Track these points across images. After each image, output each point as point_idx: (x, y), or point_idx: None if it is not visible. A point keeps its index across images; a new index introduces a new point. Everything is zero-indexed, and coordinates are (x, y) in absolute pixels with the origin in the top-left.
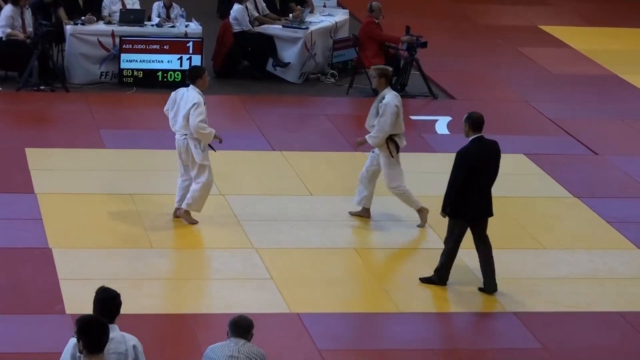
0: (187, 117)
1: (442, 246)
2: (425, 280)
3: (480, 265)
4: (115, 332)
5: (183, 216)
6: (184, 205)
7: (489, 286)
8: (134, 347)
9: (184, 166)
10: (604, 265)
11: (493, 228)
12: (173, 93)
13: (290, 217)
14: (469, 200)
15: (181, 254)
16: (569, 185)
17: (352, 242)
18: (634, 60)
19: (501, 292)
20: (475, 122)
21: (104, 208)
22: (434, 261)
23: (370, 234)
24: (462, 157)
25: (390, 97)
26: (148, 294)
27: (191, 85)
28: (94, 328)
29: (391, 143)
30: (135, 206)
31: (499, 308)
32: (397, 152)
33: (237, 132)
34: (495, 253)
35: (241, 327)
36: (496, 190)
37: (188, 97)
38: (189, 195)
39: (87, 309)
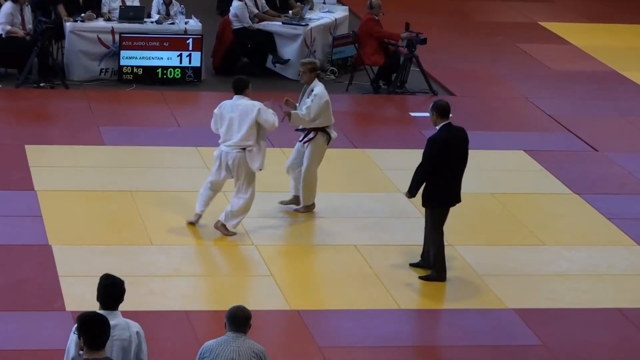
0: (255, 125)
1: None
2: (424, 278)
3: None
4: (118, 318)
5: (221, 229)
6: (222, 218)
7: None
8: (137, 333)
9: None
10: (604, 261)
11: (493, 224)
12: (217, 109)
13: (290, 214)
14: (444, 187)
15: (181, 250)
16: (569, 182)
17: (352, 238)
18: (634, 57)
19: (501, 288)
20: (442, 109)
21: (104, 205)
22: None
23: (371, 231)
24: (434, 143)
25: (320, 89)
26: (148, 290)
27: (238, 95)
28: (95, 325)
29: (323, 134)
30: (134, 203)
31: (499, 304)
32: (328, 143)
33: None
34: (495, 249)
35: (239, 319)
36: (497, 187)
37: (247, 106)
38: (229, 209)
39: (87, 305)
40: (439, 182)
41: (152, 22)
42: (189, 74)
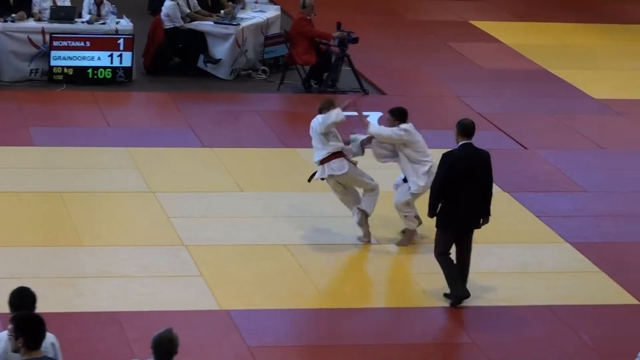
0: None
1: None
2: (447, 295)
3: (452, 274)
4: None
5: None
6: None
7: (460, 293)
8: (52, 344)
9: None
10: (534, 259)
11: (427, 222)
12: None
13: (220, 214)
14: (453, 210)
15: (111, 251)
16: (498, 180)
17: (282, 238)
18: (562, 55)
19: (431, 286)
20: (463, 128)
21: (34, 206)
22: (366, 256)
23: (301, 230)
24: (445, 158)
25: None
26: (78, 292)
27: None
28: (33, 324)
29: None
30: (65, 204)
31: (429, 303)
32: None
33: (168, 129)
34: (426, 247)
35: (163, 350)
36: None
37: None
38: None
39: None
40: (450, 204)
41: (83, 22)
42: (120, 74)
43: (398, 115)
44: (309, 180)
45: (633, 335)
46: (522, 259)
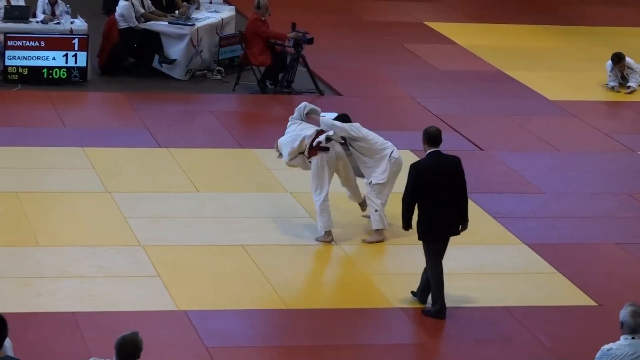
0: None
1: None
2: (425, 313)
3: (421, 284)
4: None
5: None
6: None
7: (420, 297)
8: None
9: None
10: (490, 260)
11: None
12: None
13: (176, 214)
14: (430, 219)
15: (67, 251)
16: None
17: (238, 239)
18: (517, 56)
19: (387, 287)
20: (429, 136)
21: None
22: (322, 257)
23: (257, 231)
24: (413, 170)
25: None
26: (35, 292)
27: None
28: None
29: None
30: (20, 204)
31: (386, 303)
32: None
33: (123, 129)
34: (382, 248)
35: (127, 352)
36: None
37: None
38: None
39: None
40: (424, 214)
41: (37, 22)
42: (75, 74)
43: (344, 120)
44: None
45: (590, 335)
46: (478, 260)
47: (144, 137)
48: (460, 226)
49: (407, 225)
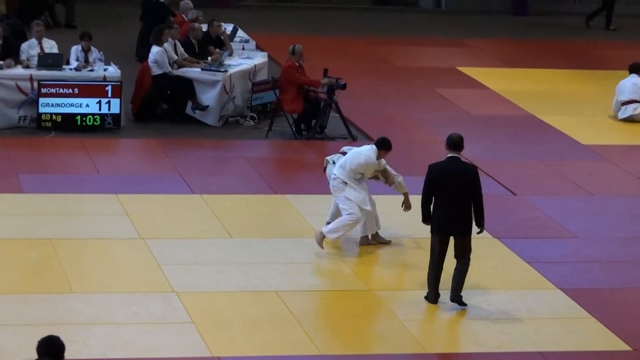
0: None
1: (359, 288)
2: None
3: (454, 275)
4: None
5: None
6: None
7: (453, 296)
8: None
9: None
10: (524, 305)
11: (414, 268)
12: None
13: (210, 260)
14: (438, 216)
15: (101, 298)
16: (488, 226)
17: (271, 284)
18: (550, 101)
19: (421, 332)
20: (450, 142)
21: (23, 253)
22: (355, 302)
23: (290, 276)
24: (428, 169)
25: None
26: (68, 339)
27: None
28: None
29: None
30: (54, 251)
31: (420, 349)
32: None
33: (156, 176)
34: (415, 293)
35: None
36: (418, 232)
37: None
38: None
39: (8, 356)
40: (435, 211)
41: (70, 69)
42: (108, 121)
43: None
44: None
45: None
46: (512, 305)
47: (177, 184)
48: (478, 230)
49: (424, 219)
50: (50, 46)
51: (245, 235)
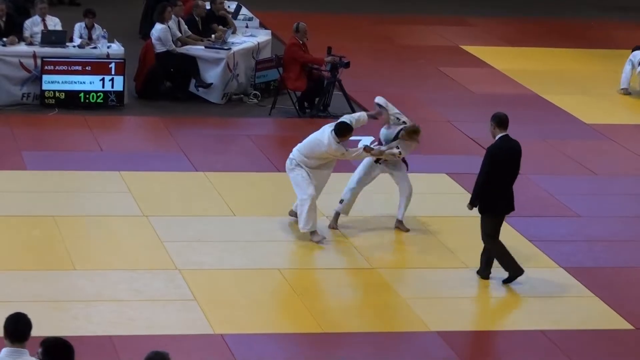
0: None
1: (363, 266)
2: (507, 281)
3: (482, 253)
4: (25, 356)
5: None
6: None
7: (485, 273)
8: None
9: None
10: (527, 283)
11: (417, 247)
12: None
13: (213, 238)
14: (497, 195)
15: (104, 275)
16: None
17: (275, 262)
18: (552, 80)
19: (424, 310)
20: (500, 120)
21: (26, 230)
22: (359, 280)
23: (294, 254)
24: (491, 153)
25: None
26: (71, 315)
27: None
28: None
29: None
30: (57, 228)
31: (423, 327)
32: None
33: (160, 153)
34: (418, 272)
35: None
36: (420, 209)
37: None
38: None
39: None
40: (492, 191)
41: (74, 47)
42: (112, 98)
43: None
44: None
45: (626, 358)
46: (515, 283)
47: (181, 161)
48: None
49: (475, 202)
50: (54, 23)
51: (248, 213)
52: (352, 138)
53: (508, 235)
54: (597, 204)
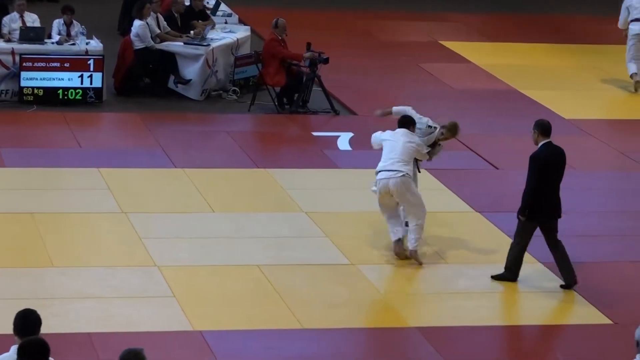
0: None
1: (342, 262)
2: (497, 277)
3: (557, 264)
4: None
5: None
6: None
7: (569, 280)
8: None
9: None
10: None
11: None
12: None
13: (192, 235)
14: (541, 202)
15: (82, 272)
16: (470, 200)
17: (254, 259)
18: (531, 75)
19: (405, 306)
20: (543, 128)
21: (4, 227)
22: (338, 277)
23: (272, 250)
24: (535, 161)
25: None
26: (50, 313)
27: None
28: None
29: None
30: (36, 225)
31: (402, 323)
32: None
33: (139, 149)
34: (396, 268)
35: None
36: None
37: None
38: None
39: None
40: (538, 198)
41: (52, 43)
42: (90, 95)
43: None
44: None
45: (606, 353)
46: (495, 281)
47: (160, 158)
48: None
49: (525, 214)
50: (32, 20)
51: (227, 210)
52: (331, 134)
53: (487, 230)
54: (576, 198)
